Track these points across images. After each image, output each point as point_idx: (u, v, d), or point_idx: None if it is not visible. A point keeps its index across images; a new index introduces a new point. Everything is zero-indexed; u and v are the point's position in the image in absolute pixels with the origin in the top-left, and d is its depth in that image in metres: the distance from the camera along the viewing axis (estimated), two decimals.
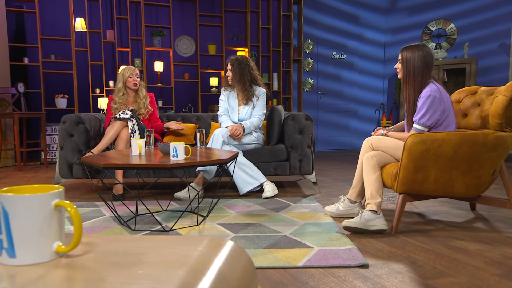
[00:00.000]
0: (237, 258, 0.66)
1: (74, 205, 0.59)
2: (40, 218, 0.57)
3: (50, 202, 0.58)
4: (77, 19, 6.17)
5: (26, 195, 0.56)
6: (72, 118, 3.60)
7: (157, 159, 2.45)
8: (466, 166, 2.38)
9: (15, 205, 0.56)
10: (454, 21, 7.51)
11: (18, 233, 0.56)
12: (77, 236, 0.58)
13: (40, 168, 5.59)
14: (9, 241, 0.56)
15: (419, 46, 2.61)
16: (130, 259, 0.59)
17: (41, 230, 0.57)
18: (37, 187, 0.63)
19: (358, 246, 2.18)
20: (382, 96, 8.33)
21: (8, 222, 0.56)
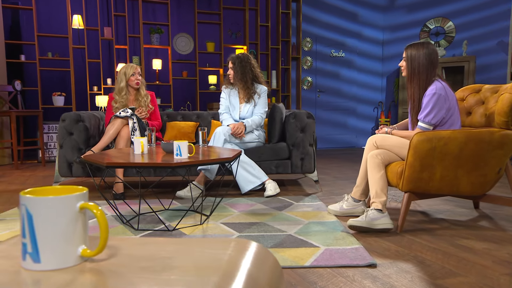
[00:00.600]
0: (264, 260, 0.64)
1: (99, 207, 0.56)
2: (65, 220, 0.55)
3: (75, 204, 0.56)
4: (74, 16, 6.11)
5: (51, 197, 0.54)
6: (72, 116, 3.56)
7: (161, 158, 2.42)
8: (472, 165, 2.37)
9: (39, 207, 0.53)
10: (453, 19, 7.51)
11: (43, 237, 0.54)
12: (103, 240, 0.56)
13: (37, 166, 5.54)
14: (33, 245, 0.54)
15: (424, 44, 2.60)
16: (158, 263, 0.56)
17: (66, 234, 0.55)
18: (60, 188, 0.60)
19: (364, 245, 2.17)
20: (380, 94, 8.32)
21: (32, 225, 0.53)
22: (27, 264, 0.54)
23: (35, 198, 0.53)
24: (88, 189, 3.77)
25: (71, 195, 0.55)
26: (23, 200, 0.54)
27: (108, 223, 2.62)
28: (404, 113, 7.54)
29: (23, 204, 0.54)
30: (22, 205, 0.54)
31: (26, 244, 0.54)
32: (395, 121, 8.09)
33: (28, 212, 0.53)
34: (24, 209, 0.54)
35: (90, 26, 6.43)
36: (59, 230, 0.54)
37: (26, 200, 0.53)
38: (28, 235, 0.54)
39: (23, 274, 0.53)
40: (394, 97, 8.10)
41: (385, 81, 8.28)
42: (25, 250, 0.54)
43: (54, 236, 0.54)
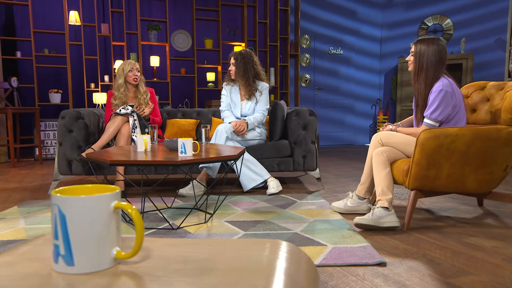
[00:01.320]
0: (300, 260, 0.62)
1: (134, 207, 0.54)
2: (100, 221, 0.52)
3: (110, 203, 0.53)
4: (70, 12, 6.04)
5: (86, 196, 0.51)
6: (71, 114, 3.51)
7: (165, 156, 2.39)
8: (479, 162, 2.36)
9: (73, 207, 0.51)
10: (451, 16, 7.52)
11: (77, 238, 0.51)
12: (139, 241, 0.53)
13: (34, 164, 5.48)
14: (67, 247, 0.51)
15: (434, 40, 2.58)
16: (195, 266, 0.54)
17: (101, 235, 0.52)
18: (91, 187, 0.57)
19: (372, 244, 2.15)
20: (378, 91, 8.32)
21: (66, 226, 0.51)
22: (59, 267, 0.52)
23: (69, 198, 0.50)
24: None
25: (106, 194, 0.52)
26: (55, 200, 0.51)
27: None
28: (402, 110, 7.54)
29: (55, 204, 0.51)
30: (54, 205, 0.51)
31: (59, 246, 0.51)
32: (393, 119, 8.09)
33: (61, 212, 0.51)
34: (57, 209, 0.51)
35: (86, 23, 6.37)
36: (94, 231, 0.52)
37: (59, 200, 0.51)
38: (61, 237, 0.51)
39: (56, 278, 0.50)
40: (392, 95, 8.10)
41: (383, 78, 8.27)
42: (58, 252, 0.51)
43: (88, 238, 0.51)
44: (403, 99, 7.52)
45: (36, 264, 0.54)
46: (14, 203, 3.14)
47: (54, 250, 0.52)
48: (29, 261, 0.55)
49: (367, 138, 8.37)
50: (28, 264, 0.54)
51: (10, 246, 2.09)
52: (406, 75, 7.51)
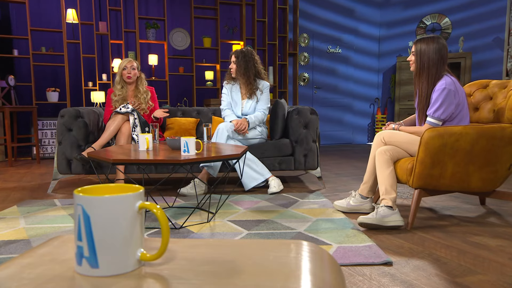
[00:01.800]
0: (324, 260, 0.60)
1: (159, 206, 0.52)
2: (125, 221, 0.50)
3: (135, 203, 0.51)
4: (68, 10, 6.00)
5: (111, 196, 0.49)
6: (71, 112, 3.48)
7: (167, 154, 2.37)
8: (483, 161, 2.36)
9: (98, 207, 0.49)
10: (449, 15, 7.53)
11: (101, 240, 0.49)
12: (165, 242, 0.52)
13: (32, 163, 5.44)
14: (91, 249, 0.49)
15: (434, 38, 2.57)
16: (223, 268, 0.52)
17: (126, 236, 0.50)
18: (113, 187, 0.56)
19: (376, 243, 2.14)
20: (376, 90, 8.32)
21: (90, 227, 0.49)
22: (83, 270, 0.50)
23: (94, 198, 0.49)
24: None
25: (131, 194, 0.51)
26: (79, 200, 0.49)
27: None
28: (401, 109, 7.54)
29: (79, 204, 0.49)
30: (77, 205, 0.50)
31: (83, 247, 0.49)
32: (391, 118, 8.10)
33: (85, 212, 0.49)
34: (81, 209, 0.49)
35: (84, 21, 6.32)
36: (119, 232, 0.50)
37: (83, 199, 0.49)
38: (85, 238, 0.49)
39: (80, 281, 0.48)
40: (391, 94, 8.10)
41: (381, 77, 8.27)
42: (81, 254, 0.50)
43: (113, 239, 0.49)
44: (402, 98, 7.53)
45: (58, 266, 0.52)
46: (13, 203, 3.11)
47: (77, 252, 0.50)
48: (51, 263, 0.53)
49: (366, 137, 8.37)
50: (51, 266, 0.52)
51: (11, 246, 2.07)
52: (404, 74, 7.51)
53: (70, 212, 2.79)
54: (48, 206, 2.97)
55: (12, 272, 0.50)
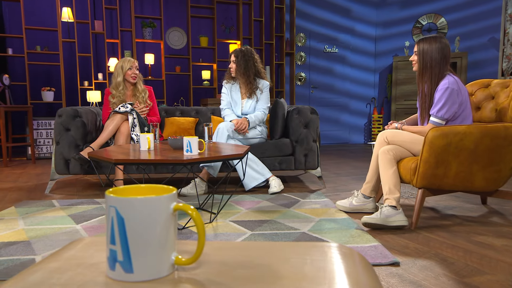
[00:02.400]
0: (357, 261, 0.58)
1: (193, 208, 0.50)
2: (160, 224, 0.48)
3: (170, 205, 0.49)
4: (63, 9, 5.94)
5: (146, 198, 0.47)
6: (69, 112, 3.44)
7: (170, 154, 2.34)
8: (487, 160, 2.36)
9: (132, 209, 0.47)
10: (445, 15, 7.56)
11: (136, 243, 0.47)
12: (201, 246, 0.49)
13: (27, 163, 5.38)
14: (125, 253, 0.47)
15: (436, 38, 2.57)
16: (260, 272, 0.50)
17: (160, 239, 0.48)
18: (144, 187, 0.53)
19: (382, 243, 2.13)
20: (373, 90, 8.33)
21: (124, 230, 0.47)
22: (116, 275, 0.48)
23: (128, 199, 0.46)
24: (84, 187, 3.67)
25: (166, 195, 0.48)
26: (112, 201, 0.47)
27: None
28: (397, 109, 7.55)
29: (112, 206, 0.47)
30: (110, 207, 0.47)
31: (116, 251, 0.47)
32: (387, 118, 8.11)
33: (119, 214, 0.47)
34: (114, 211, 0.47)
35: (80, 19, 6.26)
36: (154, 235, 0.48)
37: (117, 201, 0.47)
38: (119, 242, 0.47)
39: (114, 286, 0.46)
40: (387, 93, 8.12)
41: (377, 77, 8.29)
42: (114, 258, 0.47)
43: (149, 242, 0.47)
44: (398, 97, 7.54)
45: (87, 270, 0.50)
46: (11, 203, 3.07)
47: (110, 256, 0.48)
48: (79, 267, 0.51)
49: (362, 136, 8.38)
50: (80, 270, 0.50)
51: (11, 248, 2.03)
52: (401, 74, 7.53)
53: (70, 212, 2.75)
54: (47, 206, 2.93)
55: (41, 277, 0.48)
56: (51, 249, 2.02)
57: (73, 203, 3.03)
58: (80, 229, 2.38)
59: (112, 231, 0.47)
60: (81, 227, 2.41)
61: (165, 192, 0.51)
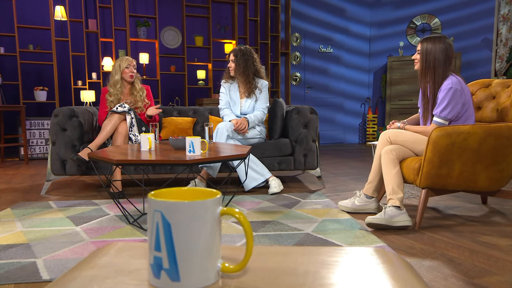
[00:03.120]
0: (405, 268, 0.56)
1: (240, 212, 0.47)
2: (207, 229, 0.46)
3: (216, 209, 0.47)
4: (56, 7, 5.86)
5: (195, 202, 0.44)
6: (65, 112, 3.39)
7: (172, 155, 2.31)
8: (490, 160, 2.36)
9: (180, 214, 0.44)
10: (439, 15, 7.60)
11: (183, 250, 0.44)
12: (249, 252, 0.47)
13: (20, 164, 5.30)
14: (172, 260, 0.44)
15: (440, 38, 2.56)
16: (308, 279, 0.48)
17: (208, 245, 0.46)
18: (186, 190, 0.51)
19: (387, 244, 2.12)
20: (367, 90, 8.35)
21: (171, 236, 0.44)
22: (162, 283, 0.45)
23: (176, 203, 0.44)
24: (80, 188, 3.61)
25: (213, 199, 0.46)
26: (158, 206, 0.44)
27: (114, 223, 2.49)
28: (392, 109, 7.58)
29: (157, 211, 0.44)
30: (156, 212, 0.45)
31: (161, 258, 0.45)
32: (382, 118, 8.13)
33: (165, 220, 0.44)
34: (160, 216, 0.44)
35: (73, 18, 6.18)
36: (201, 241, 0.45)
37: (163, 205, 0.44)
38: (165, 248, 0.44)
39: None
40: (382, 93, 8.14)
41: (372, 77, 8.31)
42: (160, 265, 0.45)
43: (196, 249, 0.45)
44: (393, 97, 7.56)
45: (127, 278, 0.47)
46: (7, 205, 3.01)
47: (154, 263, 0.45)
48: (118, 274, 0.48)
49: (357, 136, 8.39)
50: (120, 278, 0.47)
51: (11, 251, 1.98)
52: (395, 74, 7.55)
53: (68, 214, 2.70)
54: (44, 208, 2.88)
55: (80, 286, 0.45)
56: (52, 252, 1.97)
57: (71, 205, 2.98)
58: (80, 231, 2.33)
59: (158, 237, 0.45)
60: (81, 229, 2.36)
61: (210, 195, 0.49)
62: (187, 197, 0.50)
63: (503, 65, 7.15)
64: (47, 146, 5.79)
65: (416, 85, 7.38)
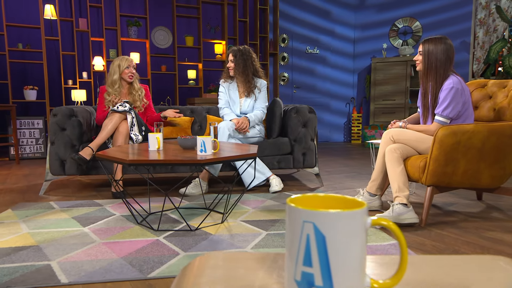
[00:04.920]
0: None
1: (393, 223, 0.42)
2: (360, 242, 0.40)
3: (367, 219, 0.41)
4: (46, 6, 5.66)
5: (352, 212, 0.39)
6: (64, 111, 3.26)
7: (183, 154, 2.23)
8: (493, 158, 2.36)
9: (336, 225, 0.38)
10: (420, 19, 7.68)
11: (338, 264, 0.39)
12: (404, 265, 0.41)
13: (11, 164, 5.10)
14: (326, 277, 0.38)
15: (441, 39, 2.55)
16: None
17: (361, 259, 0.40)
18: (323, 197, 0.45)
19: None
20: (352, 90, 8.39)
21: (325, 249, 0.38)
22: None
23: (332, 213, 0.38)
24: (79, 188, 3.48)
25: (364, 208, 0.40)
26: (309, 216, 0.39)
27: (122, 224, 2.39)
28: (376, 108, 7.62)
29: (309, 222, 0.39)
30: (306, 223, 0.39)
31: (313, 275, 0.39)
32: (367, 117, 8.18)
33: (318, 232, 0.38)
34: (312, 227, 0.38)
35: (63, 17, 5.99)
36: (355, 255, 0.39)
37: (316, 216, 0.38)
38: (318, 263, 0.38)
39: None
40: (366, 93, 8.19)
41: (356, 77, 8.35)
42: (310, 283, 0.39)
43: (350, 263, 0.39)
44: (377, 97, 7.61)
45: None
46: (6, 206, 2.87)
47: (303, 279, 0.39)
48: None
49: (342, 135, 8.42)
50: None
51: (22, 253, 1.87)
52: (379, 75, 7.60)
53: (72, 215, 2.59)
54: (46, 209, 2.75)
55: None
56: (64, 254, 1.87)
57: (73, 205, 2.86)
58: (89, 232, 2.23)
59: (308, 250, 0.39)
60: (89, 230, 2.26)
61: (356, 204, 0.43)
62: (328, 205, 0.44)
63: (481, 66, 7.28)
64: (37, 146, 5.60)
65: (398, 86, 7.45)
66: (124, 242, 2.06)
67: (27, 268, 1.71)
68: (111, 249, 1.96)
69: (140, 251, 1.93)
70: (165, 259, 1.82)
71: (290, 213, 0.40)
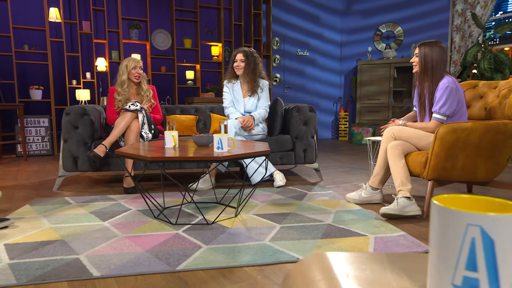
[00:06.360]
0: None
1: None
2: None
3: None
4: (51, 9, 5.50)
5: None
6: (77, 110, 3.16)
7: (201, 151, 2.18)
8: (488, 153, 2.37)
9: (506, 229, 0.34)
10: (401, 24, 7.71)
11: (506, 270, 0.35)
12: None
13: (19, 161, 4.95)
14: (493, 282, 0.35)
15: (436, 43, 2.56)
16: None
17: None
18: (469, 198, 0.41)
19: (406, 232, 2.08)
20: (339, 90, 8.40)
21: (494, 254, 0.35)
22: None
23: (504, 217, 0.34)
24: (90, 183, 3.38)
25: None
26: (474, 219, 0.35)
27: (140, 218, 2.33)
28: (361, 107, 7.64)
29: (474, 225, 0.35)
30: (471, 226, 0.35)
31: (478, 280, 0.35)
32: (353, 115, 8.20)
33: (486, 236, 0.34)
34: (479, 231, 0.35)
35: (67, 20, 5.83)
36: None
37: (484, 219, 0.34)
38: (485, 269, 0.35)
39: None
40: (352, 93, 8.20)
41: (343, 78, 8.35)
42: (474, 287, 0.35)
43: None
44: (362, 97, 7.63)
45: None
46: (23, 201, 2.77)
47: (466, 284, 0.36)
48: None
49: (330, 132, 8.43)
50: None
51: (50, 247, 1.80)
52: (364, 76, 7.61)
53: (89, 210, 2.51)
54: (63, 204, 2.67)
55: None
56: (90, 248, 1.81)
57: (88, 200, 2.78)
58: (110, 226, 2.16)
59: (473, 255, 0.35)
60: (109, 225, 2.19)
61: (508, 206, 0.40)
62: (480, 207, 0.41)
63: (457, 68, 7.36)
64: (43, 143, 5.45)
65: (382, 86, 7.48)
66: (146, 236, 2.00)
67: (57, 262, 1.64)
68: (135, 242, 1.90)
69: (163, 244, 1.88)
70: (189, 252, 1.77)
71: (448, 215, 0.36)
